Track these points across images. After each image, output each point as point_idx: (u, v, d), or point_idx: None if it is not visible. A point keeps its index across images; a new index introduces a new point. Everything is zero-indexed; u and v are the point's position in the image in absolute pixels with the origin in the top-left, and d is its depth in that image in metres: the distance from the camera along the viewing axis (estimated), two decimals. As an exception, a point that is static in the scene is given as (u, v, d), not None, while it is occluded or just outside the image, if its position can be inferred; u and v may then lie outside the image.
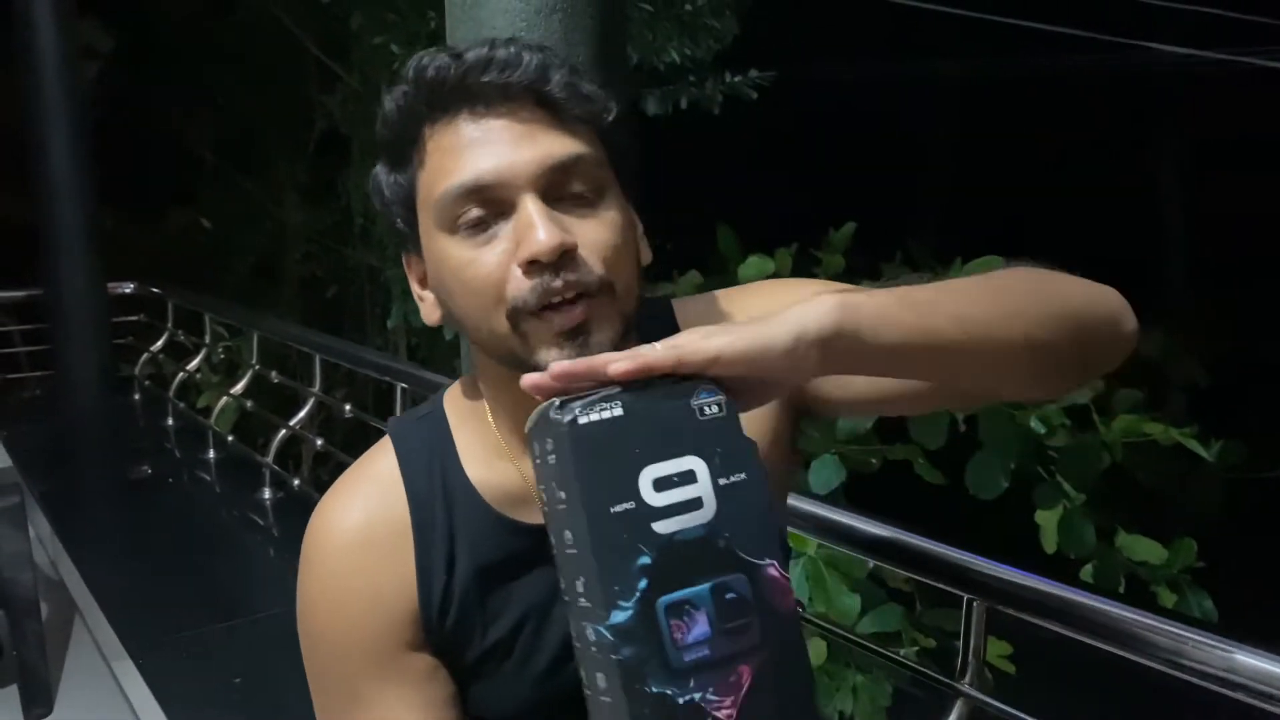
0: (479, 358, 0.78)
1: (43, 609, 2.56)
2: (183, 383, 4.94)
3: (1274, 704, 0.94)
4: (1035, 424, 3.33)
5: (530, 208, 0.67)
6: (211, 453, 4.31)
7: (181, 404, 4.89)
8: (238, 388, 4.31)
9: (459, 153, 0.69)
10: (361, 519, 0.77)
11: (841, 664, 2.80)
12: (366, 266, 6.55)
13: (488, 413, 0.80)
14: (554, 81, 0.70)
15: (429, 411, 0.84)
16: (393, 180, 0.75)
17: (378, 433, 1.03)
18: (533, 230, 0.66)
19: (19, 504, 2.51)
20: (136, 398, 5.39)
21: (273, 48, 6.68)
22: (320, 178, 6.89)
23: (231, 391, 4.33)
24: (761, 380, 0.59)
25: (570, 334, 0.68)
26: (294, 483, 3.73)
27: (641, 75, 4.86)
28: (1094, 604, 1.08)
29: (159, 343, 5.41)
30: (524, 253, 0.67)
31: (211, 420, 4.38)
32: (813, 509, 1.41)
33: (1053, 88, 12.19)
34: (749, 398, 0.60)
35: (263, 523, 3.61)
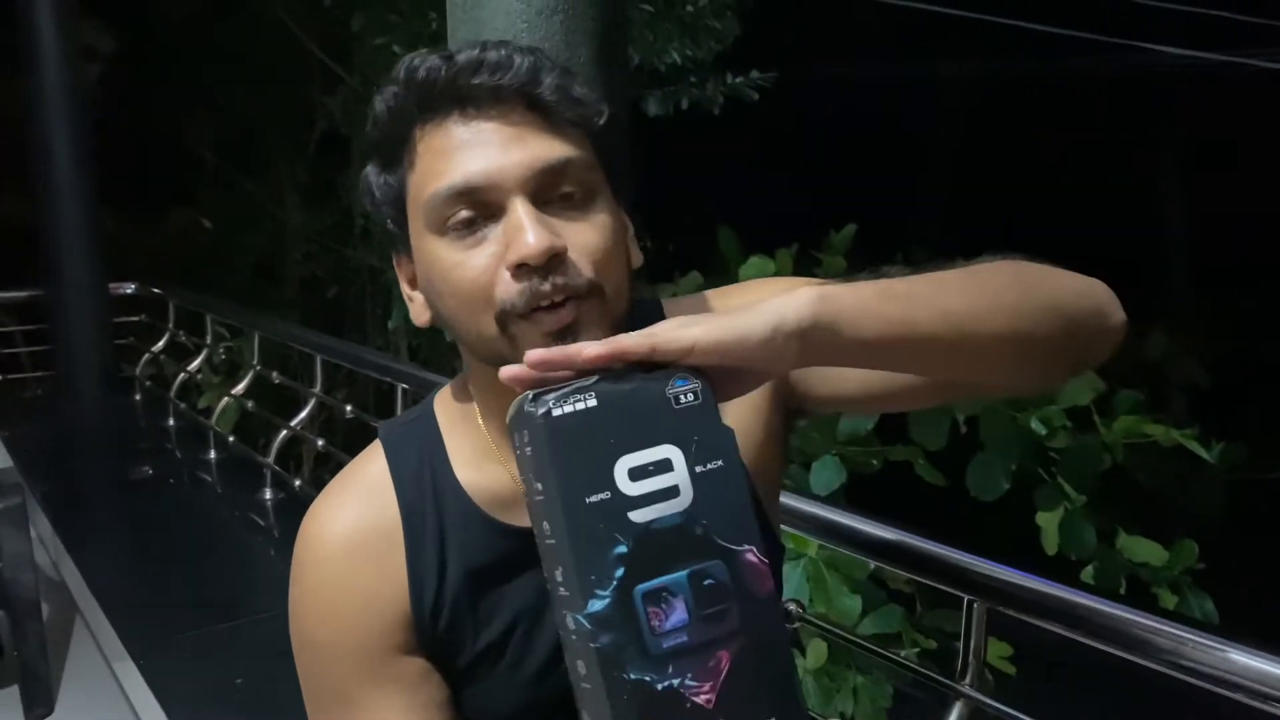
0: (468, 360, 0.78)
1: (44, 609, 2.56)
2: (184, 383, 4.93)
3: (1274, 705, 0.94)
4: (1036, 425, 3.33)
5: (520, 211, 0.67)
6: (212, 453, 4.31)
7: (182, 404, 4.89)
8: (239, 388, 4.31)
9: (449, 154, 0.69)
10: (352, 524, 0.77)
11: (842, 665, 2.80)
12: (367, 267, 6.55)
13: (477, 415, 0.80)
14: (545, 84, 0.69)
15: (419, 415, 0.83)
16: (383, 181, 0.75)
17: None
18: (522, 233, 0.66)
19: (20, 504, 2.52)
20: (137, 398, 5.39)
21: (274, 48, 6.68)
22: (321, 178, 6.90)
23: (232, 392, 4.33)
24: (739, 370, 0.59)
25: (559, 335, 0.67)
26: (295, 483, 3.73)
27: (643, 76, 4.87)
28: (1094, 605, 1.08)
29: (160, 343, 5.41)
30: (513, 256, 0.67)
31: (212, 421, 4.38)
32: (814, 510, 1.41)
33: (1054, 89, 12.19)
34: (727, 388, 0.60)
35: (263, 523, 3.61)
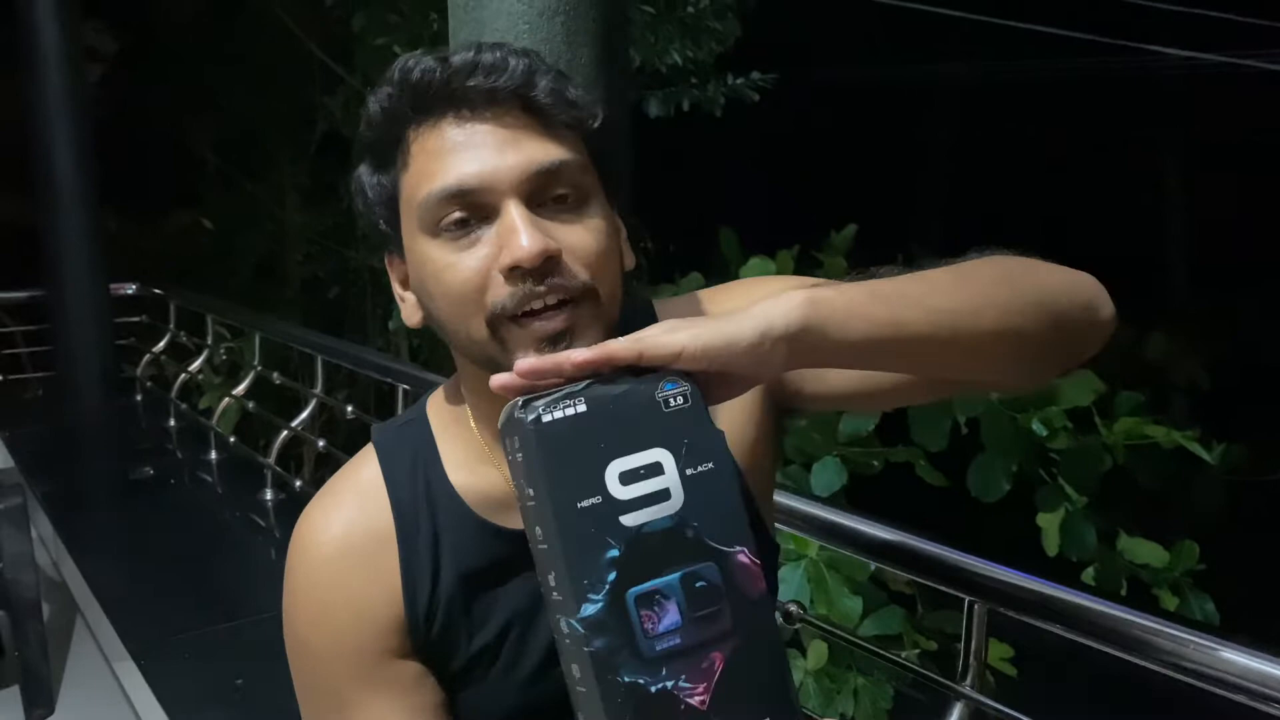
0: (460, 362, 0.78)
1: (44, 610, 2.56)
2: (185, 384, 4.93)
3: (1275, 706, 0.94)
4: (1037, 426, 3.33)
5: (513, 213, 0.67)
6: (213, 454, 4.31)
7: (183, 405, 4.89)
8: (239, 389, 4.30)
9: (443, 156, 0.69)
10: (345, 528, 0.77)
11: (843, 666, 2.79)
12: (368, 268, 6.55)
13: (470, 417, 0.80)
14: (540, 87, 0.69)
15: (412, 418, 0.83)
16: (375, 181, 0.75)
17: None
18: (515, 236, 0.66)
19: (21, 505, 2.52)
20: (138, 399, 5.39)
21: (275, 49, 6.68)
22: (322, 179, 6.89)
23: (233, 393, 4.33)
24: (729, 374, 0.59)
25: (552, 340, 0.67)
26: (296, 484, 3.73)
27: (644, 77, 4.87)
28: (1095, 606, 1.07)
29: (161, 344, 5.41)
30: (506, 259, 0.67)
31: (213, 421, 4.38)
32: (815, 511, 1.41)
33: (1055, 90, 12.19)
34: (717, 391, 0.60)
35: (264, 524, 3.61)
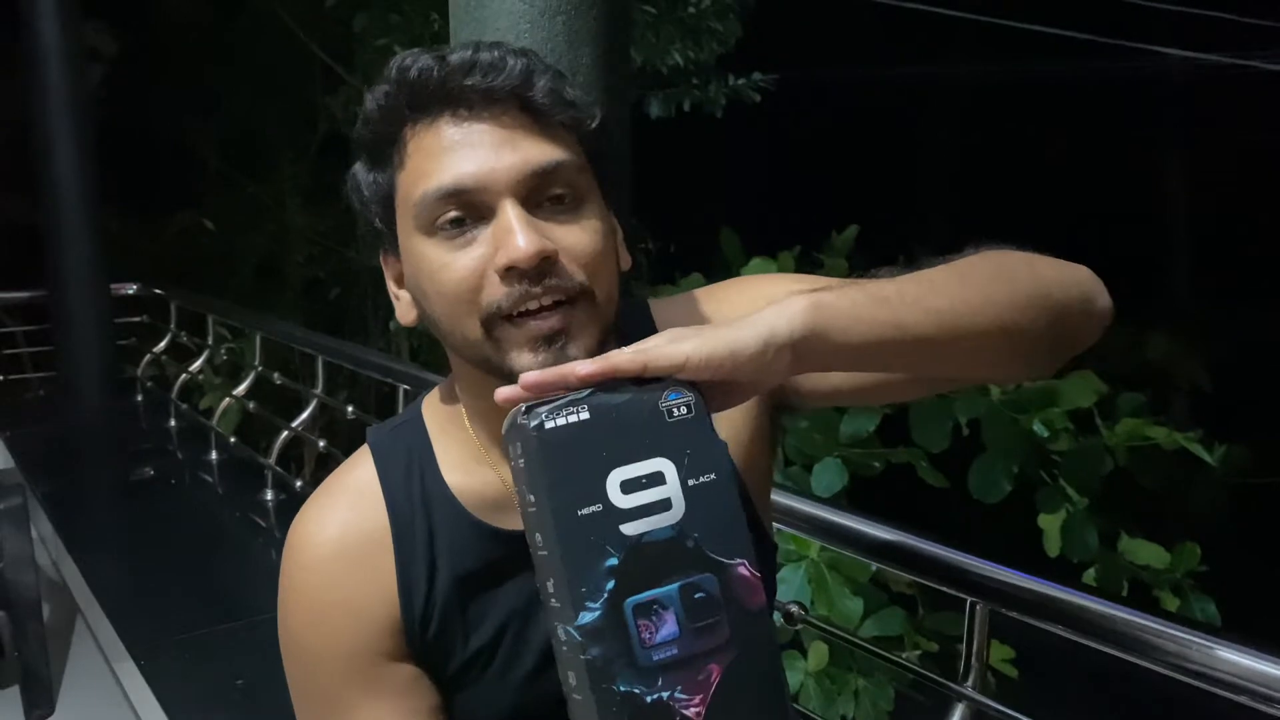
0: (455, 362, 0.77)
1: (45, 610, 2.56)
2: (185, 384, 4.93)
3: (1279, 708, 0.94)
4: (1038, 428, 3.32)
5: (510, 214, 0.67)
6: (214, 454, 4.31)
7: (184, 405, 4.88)
8: (240, 389, 4.30)
9: (440, 155, 0.69)
10: (340, 530, 0.77)
11: (843, 667, 2.79)
12: (369, 269, 6.55)
13: (465, 418, 0.79)
14: (538, 87, 0.69)
15: (408, 419, 0.83)
16: (371, 179, 0.75)
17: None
18: (512, 236, 0.66)
19: (21, 505, 2.52)
20: (139, 399, 5.39)
21: (276, 50, 6.69)
22: (323, 180, 6.89)
23: (234, 393, 4.33)
24: (731, 382, 0.59)
25: (547, 340, 0.67)
26: (296, 484, 3.72)
27: (645, 78, 4.87)
28: (1098, 607, 1.07)
29: (162, 344, 5.40)
30: (502, 259, 0.66)
31: (214, 422, 4.38)
32: (815, 511, 1.41)
33: (1058, 91, 12.19)
34: (720, 399, 0.60)
35: (264, 524, 3.61)
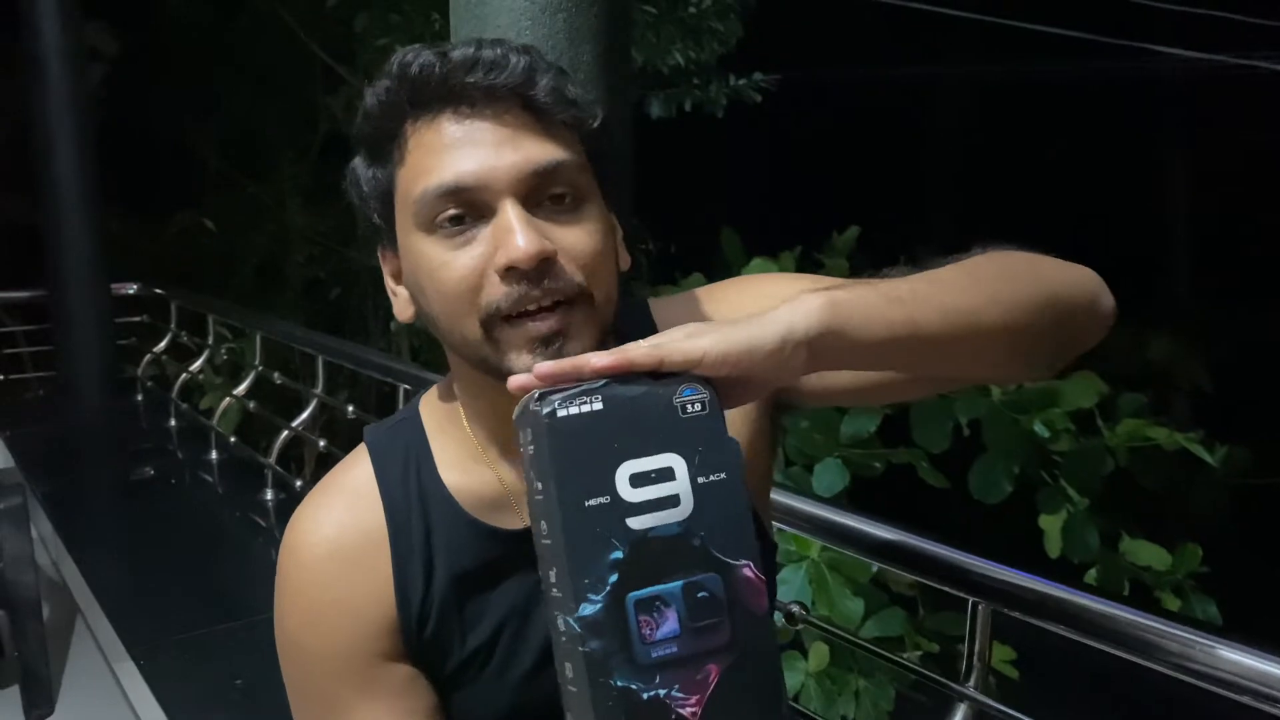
0: (453, 361, 0.77)
1: (45, 610, 2.56)
2: (185, 384, 4.93)
3: (1282, 709, 0.94)
4: (1039, 428, 3.31)
5: (510, 213, 0.67)
6: (214, 454, 4.31)
7: (184, 405, 4.88)
8: (240, 389, 4.30)
9: (440, 152, 0.68)
10: (337, 529, 0.76)
11: (844, 668, 2.78)
12: (370, 268, 6.55)
13: (463, 417, 0.79)
14: (540, 85, 0.69)
15: (405, 417, 0.83)
16: (371, 175, 0.74)
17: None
18: (511, 236, 0.66)
19: (21, 504, 2.51)
20: (139, 399, 5.39)
21: (277, 50, 6.69)
22: (324, 180, 6.89)
23: (234, 393, 4.33)
24: (746, 379, 0.58)
25: (545, 340, 0.67)
26: (296, 484, 3.72)
27: (646, 78, 4.87)
28: (1101, 607, 1.06)
29: (162, 344, 5.40)
30: (502, 259, 0.66)
31: (214, 421, 4.38)
32: (816, 511, 1.41)
33: (1059, 91, 12.19)
34: (733, 395, 0.59)
35: (264, 524, 3.60)
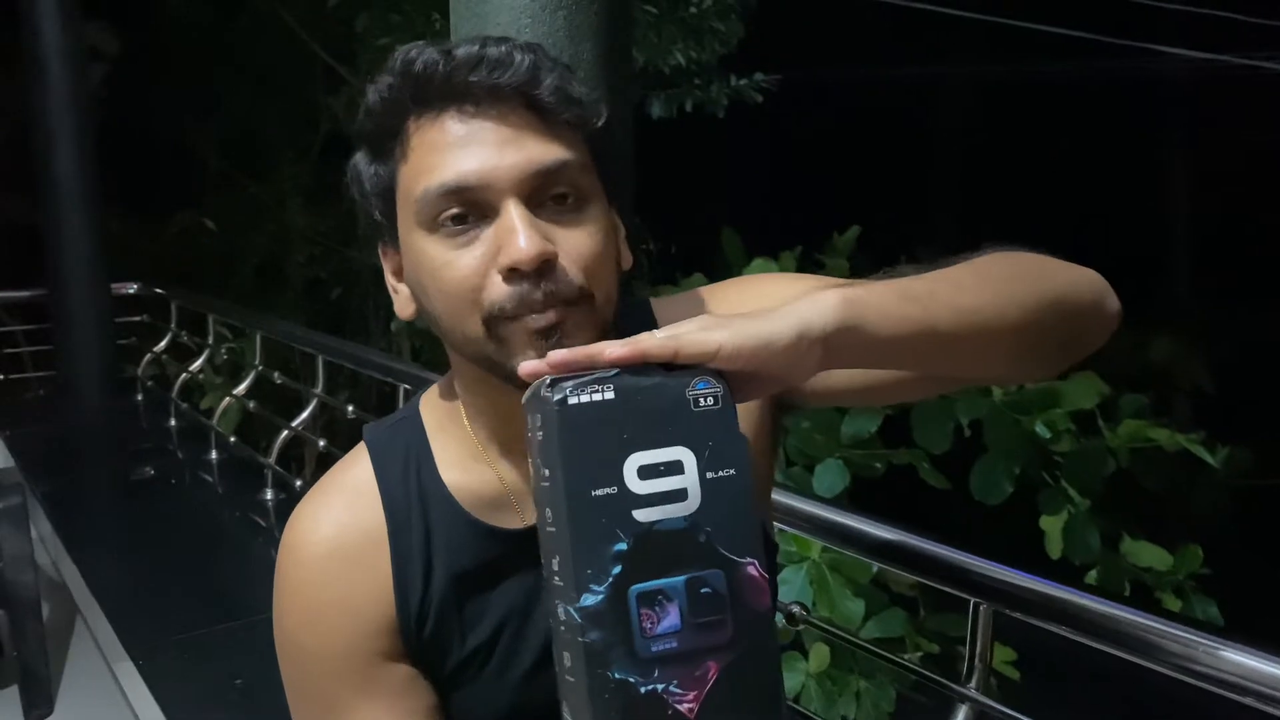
0: (454, 359, 0.77)
1: (44, 610, 2.56)
2: (185, 383, 4.92)
3: (1286, 710, 0.93)
4: (1040, 429, 3.31)
5: (513, 213, 0.66)
6: (214, 454, 4.30)
7: (184, 405, 4.88)
8: (240, 389, 4.30)
9: (443, 151, 0.68)
10: (336, 528, 0.76)
11: (845, 669, 2.78)
12: (370, 268, 6.55)
13: (464, 416, 0.79)
14: (544, 85, 0.68)
15: (405, 416, 0.82)
16: (372, 171, 0.74)
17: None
18: (514, 237, 0.65)
19: (21, 504, 2.51)
20: (139, 398, 5.38)
21: (278, 50, 6.69)
22: (325, 180, 6.90)
23: (234, 392, 4.33)
24: (759, 374, 0.58)
25: (544, 334, 0.67)
26: (296, 484, 3.72)
27: (647, 78, 4.86)
28: (1103, 608, 1.06)
29: (162, 343, 5.40)
30: (504, 260, 0.66)
31: (214, 421, 4.37)
32: (818, 511, 1.40)
33: (1061, 91, 12.18)
34: (746, 390, 0.59)
35: (264, 524, 3.60)
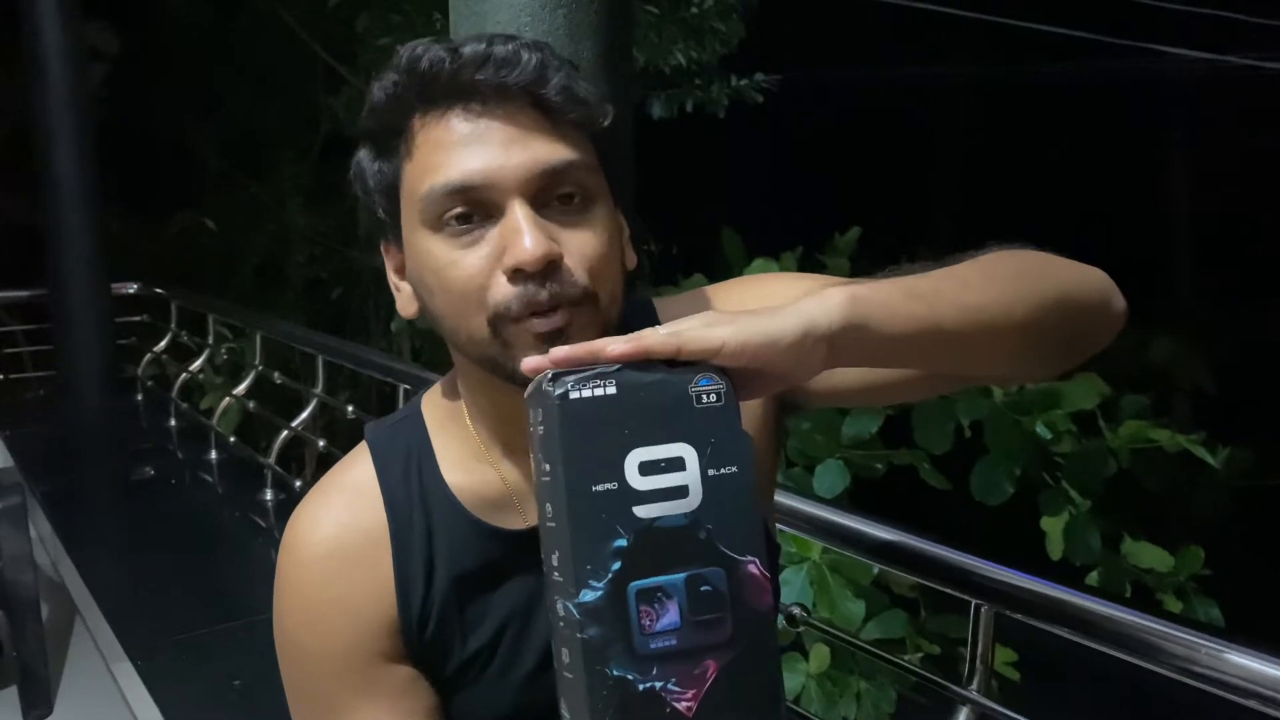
0: (456, 359, 0.76)
1: (43, 610, 2.55)
2: (185, 383, 4.93)
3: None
4: (1041, 430, 3.31)
5: (518, 214, 0.66)
6: (214, 454, 4.30)
7: (184, 405, 4.88)
8: (240, 389, 4.30)
9: (448, 150, 0.67)
10: (337, 528, 0.75)
11: (845, 670, 2.77)
12: (371, 269, 6.55)
13: (466, 415, 0.78)
14: (551, 84, 0.67)
15: (407, 415, 0.82)
16: (376, 169, 0.74)
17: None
18: (519, 238, 0.65)
19: (20, 504, 2.51)
20: (139, 398, 5.38)
21: (278, 50, 6.69)
22: (325, 180, 6.90)
23: (234, 392, 4.33)
24: (762, 372, 0.58)
25: (550, 337, 0.66)
26: (296, 484, 3.72)
27: (647, 78, 4.86)
28: (1105, 610, 1.05)
29: (162, 343, 5.40)
30: (509, 260, 0.65)
31: (214, 421, 4.37)
32: (819, 512, 1.40)
33: (1062, 91, 12.18)
34: (750, 388, 0.59)
35: (264, 524, 3.60)
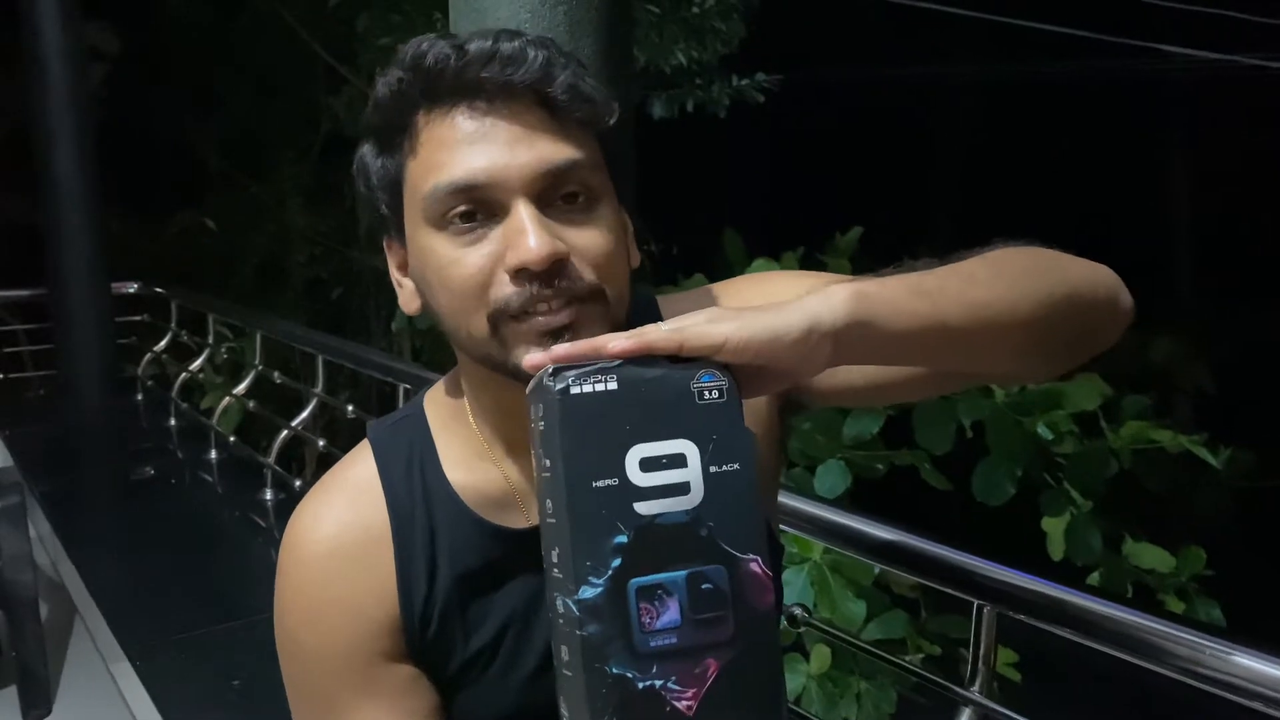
0: (459, 357, 0.76)
1: (42, 609, 2.55)
2: (185, 383, 4.93)
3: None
4: (1043, 430, 3.30)
5: (523, 213, 0.65)
6: (214, 453, 4.30)
7: (184, 404, 4.88)
8: (240, 388, 4.30)
9: (453, 148, 0.67)
10: (339, 527, 0.75)
11: (846, 670, 2.77)
12: (371, 269, 6.54)
13: (469, 413, 0.78)
14: (557, 82, 0.67)
15: (409, 414, 0.81)
16: (380, 165, 0.73)
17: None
18: (524, 237, 0.64)
19: (20, 504, 2.50)
20: (139, 398, 5.39)
21: (278, 50, 6.69)
22: (325, 180, 6.90)
23: (234, 392, 4.32)
24: (765, 369, 0.57)
25: (553, 335, 0.66)
26: (296, 484, 3.71)
27: (648, 78, 4.85)
28: (1108, 610, 1.05)
29: (162, 343, 5.40)
30: (513, 260, 0.65)
31: (214, 421, 4.37)
32: (819, 512, 1.39)
33: (1063, 91, 12.17)
34: (753, 385, 0.58)
35: (264, 524, 3.60)
